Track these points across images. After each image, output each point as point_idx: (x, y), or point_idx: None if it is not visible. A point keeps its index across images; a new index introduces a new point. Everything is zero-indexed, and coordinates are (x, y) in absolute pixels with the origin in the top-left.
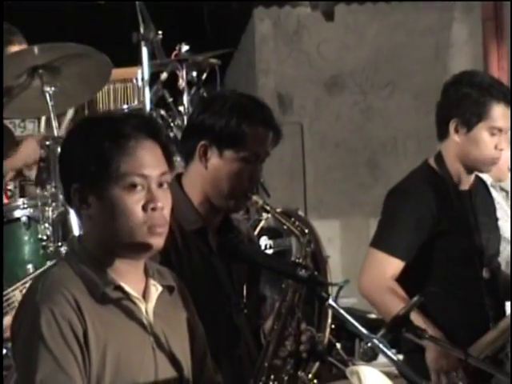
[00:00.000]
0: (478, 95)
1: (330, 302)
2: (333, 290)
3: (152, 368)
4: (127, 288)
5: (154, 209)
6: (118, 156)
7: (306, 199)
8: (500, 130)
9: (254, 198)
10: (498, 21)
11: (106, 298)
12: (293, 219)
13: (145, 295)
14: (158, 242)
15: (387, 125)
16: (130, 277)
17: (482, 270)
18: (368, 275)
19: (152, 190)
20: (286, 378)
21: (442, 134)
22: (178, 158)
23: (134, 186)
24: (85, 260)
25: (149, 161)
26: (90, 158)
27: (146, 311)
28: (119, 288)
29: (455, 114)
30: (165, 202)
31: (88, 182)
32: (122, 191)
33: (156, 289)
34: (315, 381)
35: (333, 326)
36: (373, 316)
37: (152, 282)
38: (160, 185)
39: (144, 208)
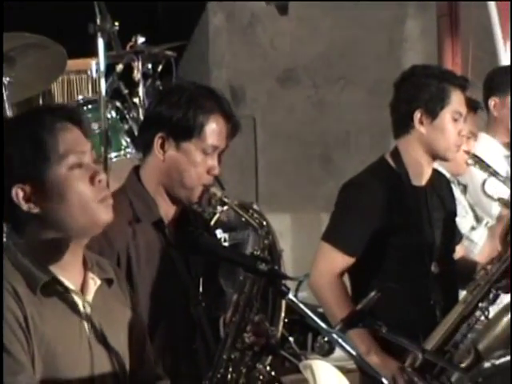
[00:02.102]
0: (437, 83)
1: (290, 296)
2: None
3: (88, 362)
4: (65, 281)
5: (100, 181)
6: (54, 140)
7: (258, 193)
8: (461, 115)
9: (213, 190)
10: (453, 17)
11: (43, 291)
12: (250, 212)
13: (83, 289)
14: (109, 214)
15: (340, 119)
16: (68, 270)
17: (431, 264)
18: (316, 269)
19: (91, 164)
20: (244, 370)
21: (402, 129)
22: (132, 150)
23: (76, 163)
24: (25, 253)
25: (80, 140)
26: (25, 152)
27: (84, 305)
28: (57, 281)
29: (417, 106)
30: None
31: (29, 177)
32: (67, 170)
33: (94, 282)
34: (273, 373)
35: (286, 320)
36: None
37: (91, 275)
38: (93, 161)
39: (91, 182)
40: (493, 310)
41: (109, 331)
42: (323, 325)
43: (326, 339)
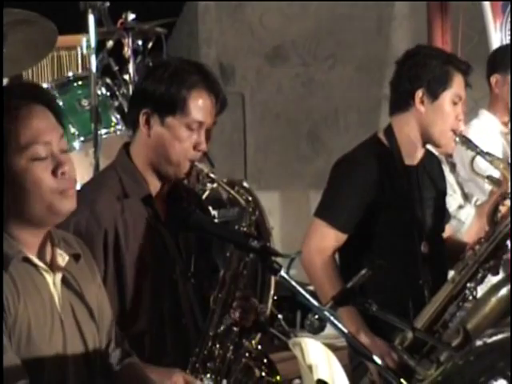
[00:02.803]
0: (441, 64)
1: (282, 273)
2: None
3: (60, 340)
4: (35, 259)
5: (63, 173)
6: (16, 128)
7: (246, 170)
8: (460, 99)
9: (200, 166)
10: None
11: (14, 269)
12: (237, 188)
13: (52, 266)
14: (71, 204)
15: (328, 97)
16: (36, 248)
17: (420, 244)
18: (309, 246)
19: (56, 155)
20: (231, 346)
21: (401, 107)
22: (122, 127)
23: (38, 155)
24: None
25: (46, 127)
26: None
27: (54, 282)
28: (27, 260)
29: (420, 85)
30: (70, 164)
31: None
32: (27, 162)
33: (63, 258)
34: (260, 349)
35: (275, 298)
36: (311, 288)
37: (58, 251)
38: (62, 150)
39: (54, 174)
40: (481, 290)
41: (79, 310)
42: (315, 302)
43: (316, 317)
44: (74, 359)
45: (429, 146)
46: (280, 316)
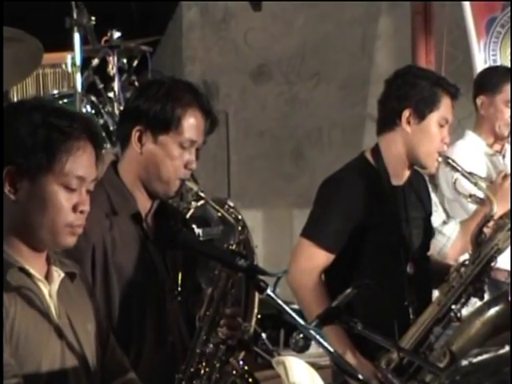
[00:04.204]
0: (430, 86)
1: (269, 291)
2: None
3: (58, 351)
4: (31, 270)
5: (82, 212)
6: (65, 154)
7: (230, 188)
8: (447, 122)
9: (189, 184)
10: (427, 14)
11: (10, 278)
12: (226, 207)
13: (47, 279)
14: (73, 241)
15: (312, 115)
16: (33, 261)
17: (406, 264)
18: (296, 267)
19: (83, 193)
20: (217, 364)
21: (387, 126)
22: (107, 145)
23: (71, 185)
24: None
25: (89, 165)
26: (35, 145)
27: (50, 293)
28: (23, 270)
29: (407, 105)
30: (88, 206)
31: (25, 168)
32: (58, 187)
33: (58, 274)
34: (246, 367)
35: (259, 316)
36: (295, 306)
37: (54, 268)
38: (88, 191)
39: (74, 209)
40: (465, 311)
41: (75, 322)
42: (301, 321)
43: (301, 336)
44: (73, 368)
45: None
46: (264, 334)
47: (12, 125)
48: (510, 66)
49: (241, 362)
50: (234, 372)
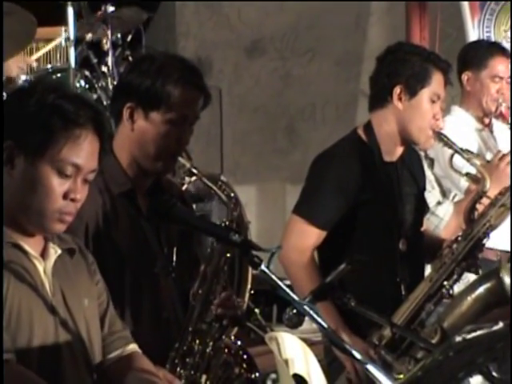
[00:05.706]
0: (421, 62)
1: (263, 267)
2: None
3: (51, 327)
4: (25, 246)
5: (73, 199)
6: (64, 139)
7: (223, 164)
8: (439, 98)
9: (182, 160)
10: None
11: (4, 254)
12: (219, 183)
13: (43, 256)
14: (61, 228)
15: (306, 91)
16: (29, 237)
17: (399, 241)
18: (288, 244)
19: (78, 181)
20: (210, 342)
21: (379, 103)
22: None
23: (65, 171)
24: None
25: (88, 155)
26: (35, 126)
27: (45, 270)
28: (17, 246)
29: (398, 81)
30: (83, 195)
31: (23, 146)
32: (52, 171)
33: (55, 251)
34: (239, 343)
35: (252, 292)
36: (288, 282)
37: (51, 245)
38: (85, 180)
39: (65, 195)
40: (457, 287)
41: (71, 296)
42: (295, 296)
43: (294, 311)
44: (67, 344)
45: None
46: (257, 310)
47: (22, 102)
48: (503, 42)
49: (238, 342)
50: (228, 350)
